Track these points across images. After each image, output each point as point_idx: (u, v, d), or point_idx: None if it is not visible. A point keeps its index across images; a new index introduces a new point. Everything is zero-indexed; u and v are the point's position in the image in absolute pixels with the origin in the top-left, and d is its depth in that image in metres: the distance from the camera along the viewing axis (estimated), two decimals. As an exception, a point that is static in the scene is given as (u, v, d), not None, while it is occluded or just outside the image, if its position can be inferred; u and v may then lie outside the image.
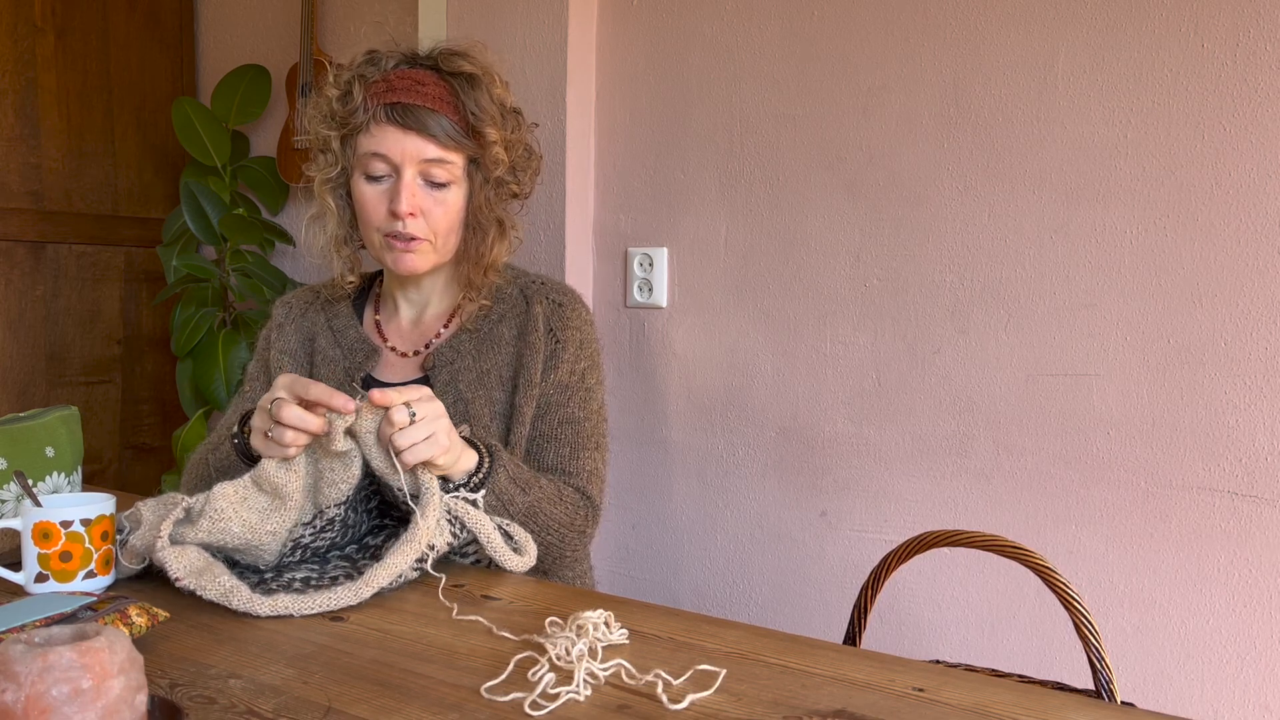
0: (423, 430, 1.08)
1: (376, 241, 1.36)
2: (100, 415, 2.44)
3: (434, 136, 1.30)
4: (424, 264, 1.36)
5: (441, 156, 1.31)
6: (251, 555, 1.10)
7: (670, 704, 0.80)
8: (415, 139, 1.30)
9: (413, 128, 1.29)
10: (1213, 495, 1.42)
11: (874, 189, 1.67)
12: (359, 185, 1.34)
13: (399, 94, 1.30)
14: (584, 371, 1.40)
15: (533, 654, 0.89)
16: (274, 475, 1.09)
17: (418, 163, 1.31)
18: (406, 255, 1.34)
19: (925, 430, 1.63)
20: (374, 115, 1.30)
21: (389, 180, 1.33)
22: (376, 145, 1.30)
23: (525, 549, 1.15)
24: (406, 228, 1.32)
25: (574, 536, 1.31)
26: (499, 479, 1.19)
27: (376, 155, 1.31)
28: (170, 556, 1.03)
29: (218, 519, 1.06)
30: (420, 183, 1.32)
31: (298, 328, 1.48)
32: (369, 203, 1.34)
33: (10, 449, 1.22)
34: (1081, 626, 1.16)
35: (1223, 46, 1.40)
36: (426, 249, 1.35)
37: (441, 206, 1.34)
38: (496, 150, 1.34)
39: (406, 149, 1.30)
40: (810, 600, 1.75)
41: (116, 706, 0.63)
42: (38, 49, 2.29)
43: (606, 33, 1.92)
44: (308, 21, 2.26)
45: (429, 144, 1.30)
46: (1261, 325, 1.39)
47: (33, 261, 2.31)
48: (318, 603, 1.00)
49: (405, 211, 1.31)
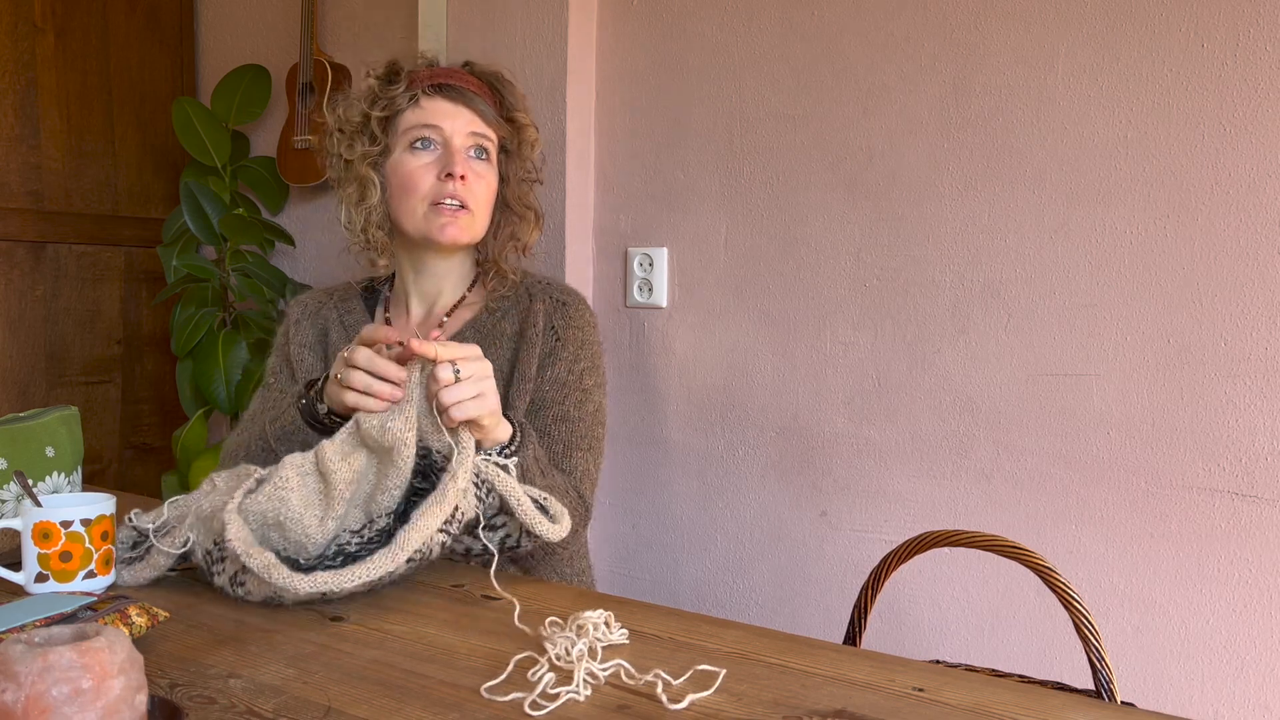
0: (470, 389, 1.08)
1: (420, 212, 1.40)
2: (100, 415, 2.44)
3: (480, 111, 1.41)
4: (466, 235, 1.41)
5: (485, 132, 1.42)
6: (294, 545, 1.07)
7: (670, 704, 0.80)
8: (465, 111, 1.40)
9: (460, 102, 1.40)
10: (1213, 495, 1.42)
11: (874, 189, 1.67)
12: (404, 160, 1.40)
13: (443, 77, 1.41)
14: (583, 372, 1.41)
15: (532, 654, 0.89)
16: (329, 459, 1.07)
17: (466, 134, 1.40)
18: (452, 224, 1.39)
19: (925, 430, 1.63)
20: (422, 91, 1.40)
21: (437, 151, 1.40)
22: (427, 117, 1.39)
23: (560, 518, 1.11)
24: (458, 191, 1.38)
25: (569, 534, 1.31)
26: (527, 455, 1.21)
27: (427, 125, 1.39)
28: (233, 520, 1.02)
29: (280, 485, 1.06)
30: (469, 153, 1.41)
31: (313, 323, 1.52)
32: (417, 171, 1.39)
33: (10, 449, 1.22)
34: (1081, 626, 1.16)
35: (1223, 46, 1.40)
36: (469, 220, 1.40)
37: (484, 180, 1.42)
38: (530, 131, 1.46)
39: (457, 121, 1.40)
40: (810, 600, 1.75)
41: (116, 706, 0.63)
42: (38, 49, 2.29)
43: (606, 33, 1.92)
44: (308, 21, 2.26)
45: (476, 117, 1.41)
46: (1261, 325, 1.39)
47: (33, 261, 2.31)
48: (356, 575, 0.98)
49: (460, 172, 1.37)
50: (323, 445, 1.09)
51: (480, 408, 1.09)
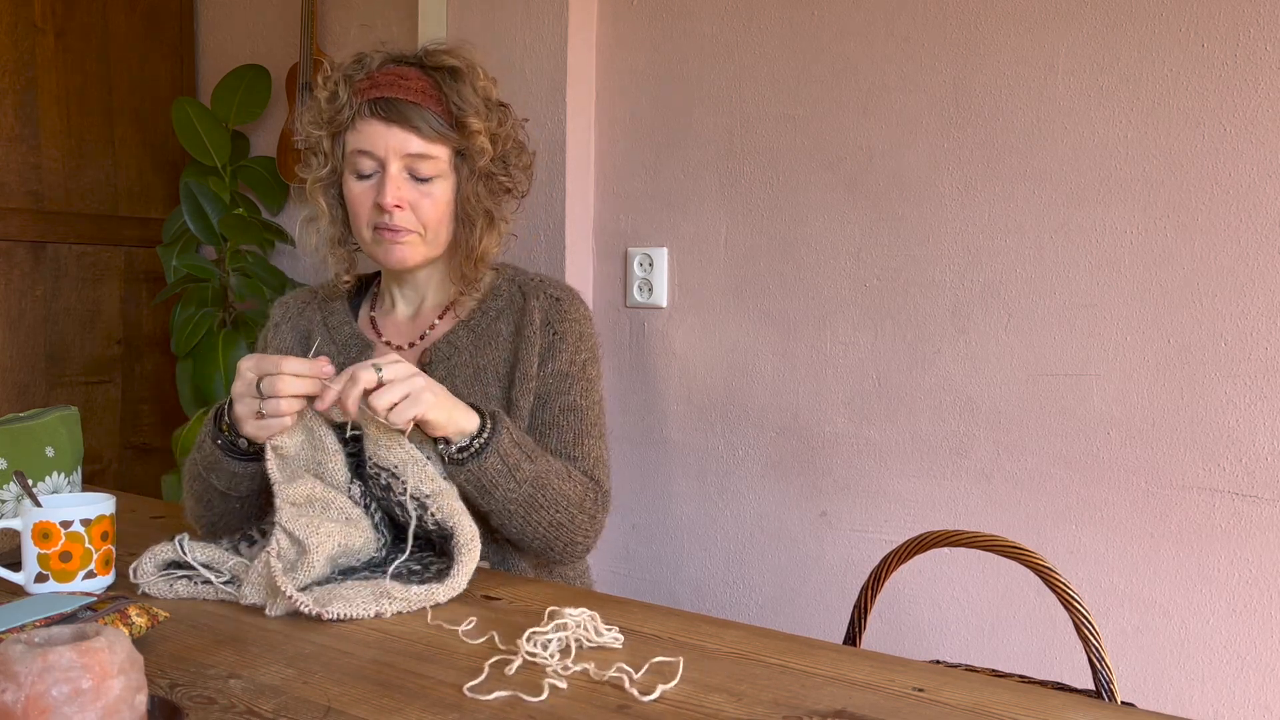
0: (398, 390, 1.10)
1: (368, 237, 1.37)
2: (100, 415, 2.44)
3: (417, 129, 1.31)
4: (414, 256, 1.37)
5: (425, 150, 1.32)
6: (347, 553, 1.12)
7: (669, 703, 0.80)
8: (398, 132, 1.31)
9: (395, 121, 1.31)
10: (1213, 495, 1.42)
11: (874, 189, 1.67)
12: (349, 184, 1.36)
13: (382, 89, 1.32)
14: (585, 362, 1.40)
15: (526, 654, 0.89)
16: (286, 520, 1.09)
17: (401, 156, 1.32)
18: (396, 246, 1.35)
19: (925, 430, 1.63)
20: (359, 111, 1.32)
21: (376, 176, 1.34)
22: (362, 142, 1.32)
23: (458, 571, 1.09)
24: (393, 220, 1.33)
25: (584, 520, 1.29)
26: (503, 440, 1.18)
27: (362, 152, 1.32)
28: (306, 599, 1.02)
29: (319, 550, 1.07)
30: (405, 176, 1.34)
31: (293, 326, 1.49)
32: (357, 199, 1.35)
33: (10, 449, 1.22)
34: (1081, 626, 1.16)
35: (1223, 46, 1.40)
36: (415, 240, 1.36)
37: (428, 199, 1.35)
38: (480, 141, 1.35)
39: (390, 143, 1.31)
40: (810, 600, 1.75)
41: (116, 706, 0.63)
42: (38, 49, 2.29)
43: (606, 33, 1.92)
44: (308, 21, 2.26)
45: (412, 137, 1.31)
46: (1261, 325, 1.39)
47: (33, 261, 2.31)
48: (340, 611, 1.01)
49: (390, 204, 1.32)
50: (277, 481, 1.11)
51: (414, 406, 1.11)
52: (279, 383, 1.11)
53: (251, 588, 1.06)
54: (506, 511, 1.21)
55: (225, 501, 1.26)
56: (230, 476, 1.22)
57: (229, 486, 1.23)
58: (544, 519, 1.24)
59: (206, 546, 1.13)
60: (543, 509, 1.23)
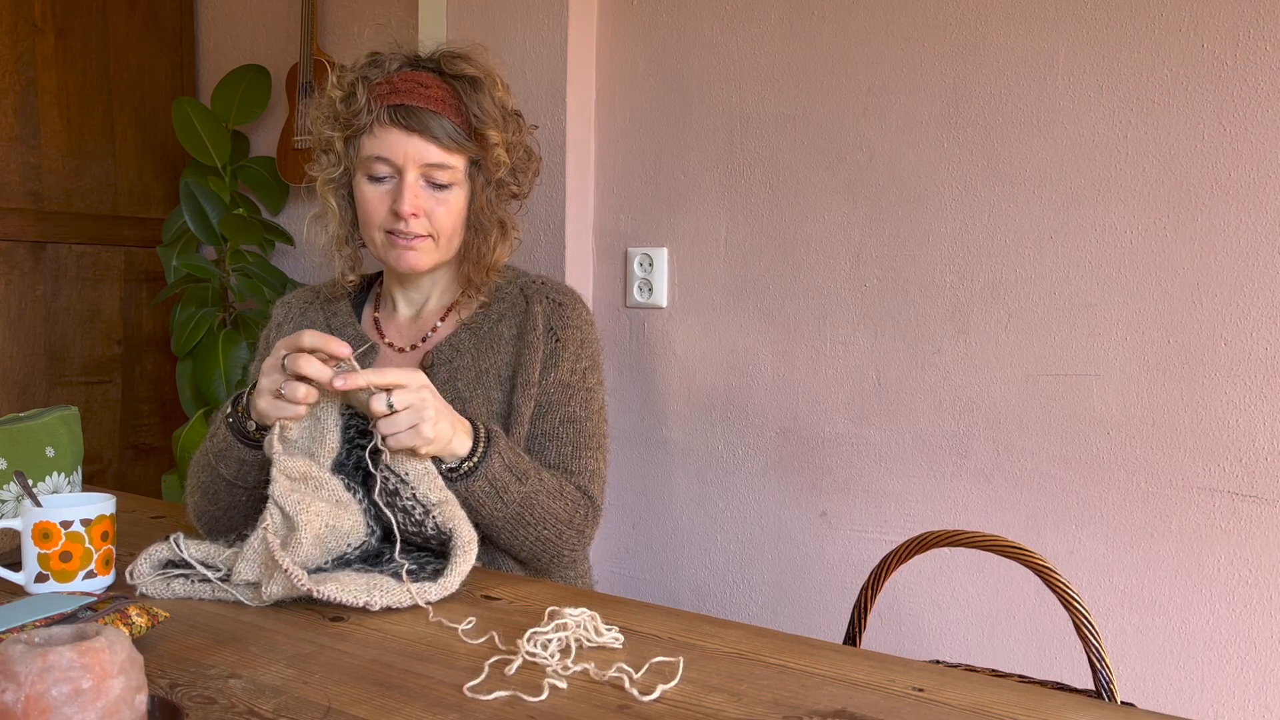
0: (405, 420, 1.11)
1: (378, 240, 1.37)
2: (100, 415, 2.44)
3: (436, 139, 1.31)
4: (426, 262, 1.37)
5: (443, 160, 1.33)
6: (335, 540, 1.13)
7: (668, 702, 0.80)
8: (418, 141, 1.31)
9: (415, 130, 1.31)
10: (1213, 495, 1.42)
11: (874, 189, 1.67)
12: (361, 186, 1.36)
13: (402, 96, 1.31)
14: (585, 371, 1.40)
15: (526, 654, 0.89)
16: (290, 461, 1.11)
17: (420, 165, 1.32)
18: (408, 252, 1.35)
19: (925, 430, 1.63)
20: (377, 117, 1.31)
21: (391, 181, 1.34)
22: (380, 148, 1.32)
23: (452, 570, 1.10)
24: (409, 227, 1.33)
25: (572, 535, 1.31)
26: (493, 465, 1.20)
27: (379, 158, 1.32)
28: (305, 577, 1.02)
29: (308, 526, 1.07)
30: (422, 184, 1.34)
31: (296, 326, 1.49)
32: (371, 202, 1.35)
33: (10, 449, 1.22)
34: (1081, 626, 1.16)
35: (1223, 46, 1.40)
36: (428, 246, 1.36)
37: (444, 207, 1.35)
38: (498, 152, 1.36)
39: (409, 152, 1.31)
40: (810, 600, 1.75)
41: (116, 706, 0.63)
42: (38, 49, 2.29)
43: (606, 33, 1.92)
44: (308, 21, 2.26)
45: (431, 146, 1.31)
46: (1261, 325, 1.39)
47: (33, 261, 2.31)
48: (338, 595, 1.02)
49: (408, 212, 1.32)
50: (279, 461, 1.12)
51: (414, 439, 1.11)
52: (299, 361, 1.11)
53: (246, 564, 1.07)
54: (494, 526, 1.24)
55: (231, 493, 1.26)
56: (239, 464, 1.22)
57: (236, 475, 1.23)
58: (530, 535, 1.26)
59: (202, 544, 1.14)
60: (529, 526, 1.25)
